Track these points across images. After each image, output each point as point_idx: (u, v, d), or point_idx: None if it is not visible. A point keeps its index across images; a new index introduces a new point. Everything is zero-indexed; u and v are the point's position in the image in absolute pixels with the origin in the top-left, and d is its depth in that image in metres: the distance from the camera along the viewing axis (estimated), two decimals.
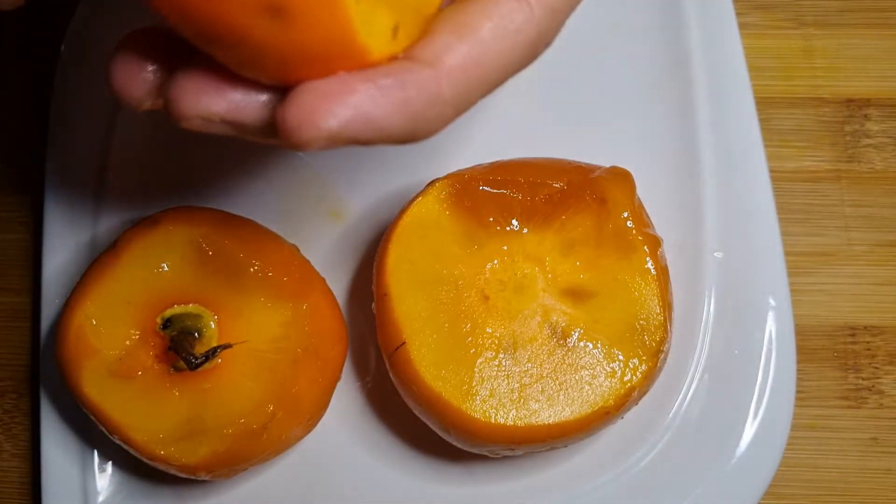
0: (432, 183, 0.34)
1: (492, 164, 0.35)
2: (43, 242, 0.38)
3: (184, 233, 0.33)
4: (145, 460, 0.33)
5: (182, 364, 0.32)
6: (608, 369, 0.32)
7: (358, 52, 0.20)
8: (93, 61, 0.41)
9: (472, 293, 0.33)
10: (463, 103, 0.22)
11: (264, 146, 0.40)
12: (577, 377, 0.32)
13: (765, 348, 0.36)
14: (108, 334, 0.33)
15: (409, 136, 0.21)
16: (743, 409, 0.36)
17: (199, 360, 0.31)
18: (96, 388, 0.32)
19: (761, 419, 0.36)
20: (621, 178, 0.34)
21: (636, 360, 0.32)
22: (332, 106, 0.20)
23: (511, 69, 0.23)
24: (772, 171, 0.38)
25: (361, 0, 0.20)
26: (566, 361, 0.32)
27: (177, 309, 0.33)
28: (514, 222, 0.34)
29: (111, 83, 0.22)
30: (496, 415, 0.32)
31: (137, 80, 0.23)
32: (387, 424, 0.37)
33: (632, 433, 0.36)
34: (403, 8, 0.21)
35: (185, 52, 0.22)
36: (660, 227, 0.35)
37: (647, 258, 0.33)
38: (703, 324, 0.37)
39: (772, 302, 0.37)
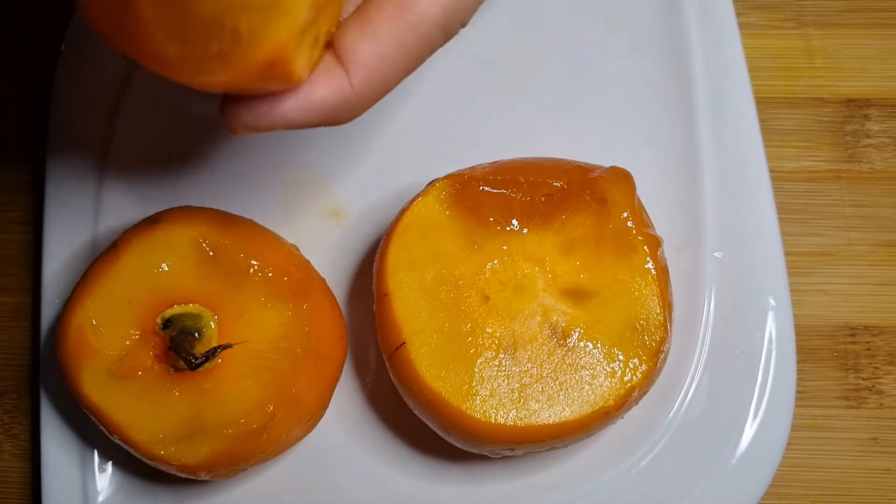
0: (432, 183, 0.34)
1: (492, 164, 0.35)
2: (43, 242, 0.38)
3: (184, 233, 0.33)
4: (145, 460, 0.33)
5: (182, 364, 0.32)
6: (608, 369, 0.32)
7: (292, 80, 0.24)
8: (93, 61, 0.40)
9: (473, 293, 0.33)
10: (377, 94, 0.25)
11: (262, 147, 0.40)
12: (577, 377, 0.32)
13: (765, 348, 0.36)
14: (108, 334, 0.33)
15: (328, 124, 0.25)
16: (743, 409, 0.36)
17: (199, 360, 0.31)
18: (96, 388, 0.32)
19: (761, 419, 0.36)
20: (621, 178, 0.34)
21: (636, 360, 0.32)
22: (256, 106, 0.24)
23: (419, 54, 0.25)
24: (772, 171, 0.38)
25: (300, 45, 0.23)
26: (566, 361, 0.32)
27: (177, 309, 0.33)
28: (515, 222, 0.34)
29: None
30: (496, 415, 0.32)
31: None
32: (387, 424, 0.37)
33: (632, 433, 0.36)
34: (323, 22, 0.24)
35: None
36: (660, 227, 0.35)
37: (647, 258, 0.33)
38: (703, 324, 0.37)
39: (772, 302, 0.37)
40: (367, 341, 0.38)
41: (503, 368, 0.32)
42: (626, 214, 0.33)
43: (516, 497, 0.36)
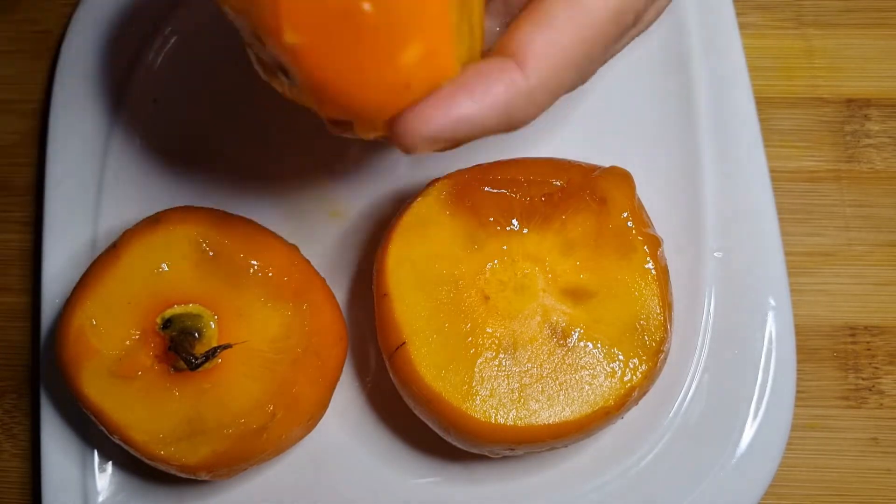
0: (432, 183, 0.34)
1: (492, 164, 0.35)
2: (43, 242, 0.38)
3: (184, 233, 0.33)
4: (145, 460, 0.33)
5: (182, 364, 0.32)
6: (608, 369, 0.32)
7: (453, 73, 0.23)
8: (93, 62, 0.40)
9: (473, 293, 0.33)
10: (553, 88, 0.24)
11: (262, 147, 0.40)
12: (577, 377, 0.32)
13: (765, 348, 0.36)
14: (108, 334, 0.33)
15: (506, 126, 0.24)
16: (743, 409, 0.36)
17: (199, 361, 0.31)
18: (96, 388, 0.32)
19: (761, 419, 0.36)
20: (621, 178, 0.34)
21: (636, 360, 0.32)
22: (428, 114, 0.23)
23: (597, 45, 0.24)
24: (772, 171, 0.38)
25: (456, 38, 0.23)
26: (566, 361, 0.32)
27: (177, 309, 0.33)
28: (515, 222, 0.34)
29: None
30: (496, 415, 0.32)
31: None
32: (387, 424, 0.37)
33: (632, 433, 0.36)
34: (471, 13, 0.24)
35: None
36: (660, 227, 0.35)
37: (647, 258, 0.33)
38: (703, 324, 0.37)
39: (772, 302, 0.37)
40: (367, 341, 0.38)
41: (503, 368, 0.32)
42: (626, 214, 0.33)
43: (516, 497, 0.36)
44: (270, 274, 0.33)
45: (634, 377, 0.32)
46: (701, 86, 0.39)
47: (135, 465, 0.36)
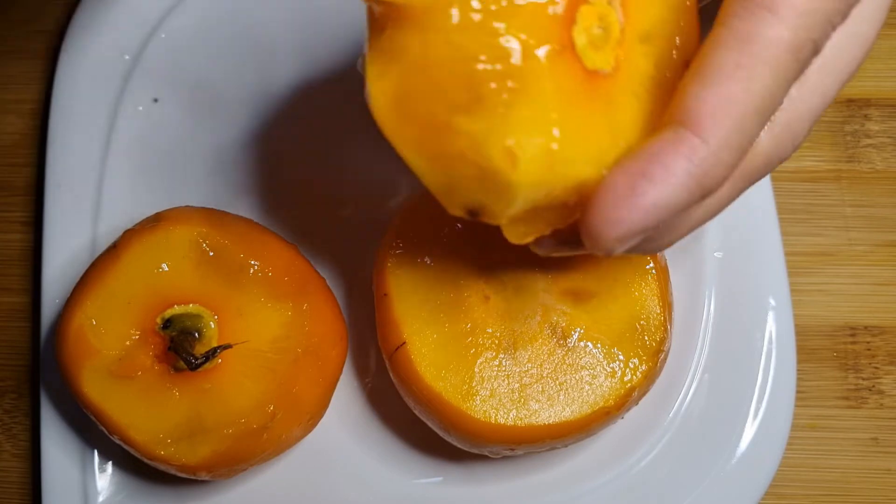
0: None
1: None
2: (43, 242, 0.38)
3: (184, 233, 0.33)
4: (145, 460, 0.33)
5: (182, 364, 0.32)
6: (608, 369, 0.32)
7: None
8: (93, 61, 0.40)
9: (473, 293, 0.33)
10: (738, 143, 0.22)
11: (261, 147, 0.40)
12: (577, 377, 0.32)
13: (765, 348, 0.36)
14: (108, 334, 0.32)
15: (700, 197, 0.22)
16: (743, 409, 0.36)
17: (199, 361, 0.31)
18: (96, 388, 0.32)
19: (761, 419, 0.36)
20: None
21: (636, 360, 0.32)
22: (615, 215, 0.21)
23: (774, 85, 0.22)
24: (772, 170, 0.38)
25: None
26: (566, 361, 0.32)
27: (177, 309, 0.33)
28: None
29: None
30: (496, 415, 0.32)
31: None
32: (387, 425, 0.37)
33: (632, 433, 0.36)
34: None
35: None
36: None
37: (648, 258, 0.33)
38: (703, 324, 0.37)
39: (772, 302, 0.37)
40: (368, 341, 0.38)
41: (503, 368, 0.32)
42: None
43: (516, 497, 0.36)
44: (270, 274, 0.33)
45: (635, 377, 0.32)
46: None
47: (135, 466, 0.36)
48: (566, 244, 0.25)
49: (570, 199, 0.23)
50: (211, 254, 0.33)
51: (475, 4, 0.21)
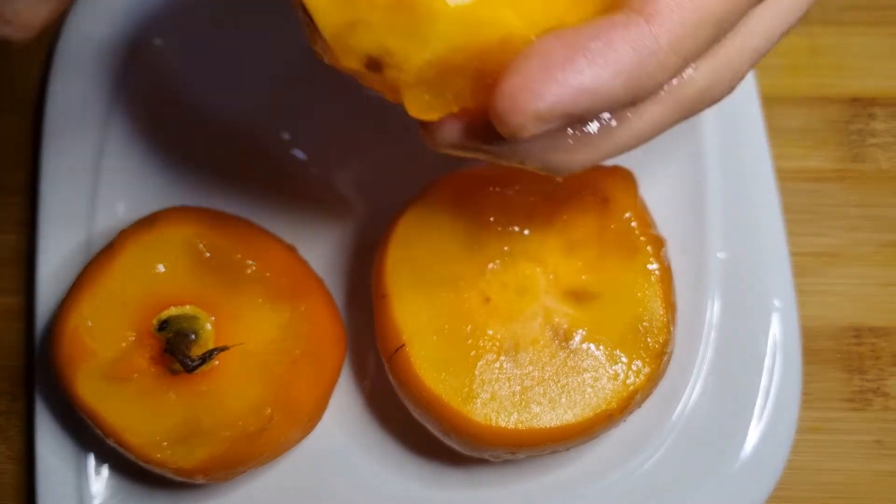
0: (432, 183, 0.34)
1: (492, 164, 0.35)
2: (38, 243, 0.38)
3: (180, 233, 0.33)
4: (141, 463, 0.32)
5: (178, 366, 0.32)
6: (611, 372, 0.32)
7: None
8: (90, 61, 0.40)
9: (473, 294, 0.33)
10: (688, 50, 0.20)
11: (260, 147, 0.40)
12: (579, 380, 0.32)
13: (770, 350, 0.36)
14: (103, 336, 0.32)
15: (632, 98, 0.20)
16: (747, 412, 0.36)
17: (195, 363, 0.31)
18: (91, 390, 0.32)
19: (766, 421, 0.35)
20: (623, 177, 0.34)
21: (639, 363, 0.32)
22: (539, 86, 0.19)
23: (739, 4, 0.21)
24: (776, 170, 0.38)
25: None
26: (568, 364, 0.32)
27: (173, 310, 0.33)
28: (516, 223, 0.34)
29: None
30: (497, 418, 0.31)
31: None
32: (386, 427, 0.37)
33: (635, 436, 0.36)
34: None
35: None
36: (663, 227, 0.35)
37: (651, 259, 0.33)
38: (706, 325, 0.37)
39: (777, 303, 0.37)
40: (366, 343, 0.37)
41: (504, 371, 0.32)
42: (628, 215, 0.33)
43: (517, 501, 0.36)
44: (268, 275, 0.33)
45: (637, 379, 0.32)
46: None
47: (130, 469, 0.36)
48: (472, 136, 0.22)
49: (488, 62, 0.20)
50: (207, 254, 0.33)
51: None
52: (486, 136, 0.21)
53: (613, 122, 0.22)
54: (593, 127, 0.21)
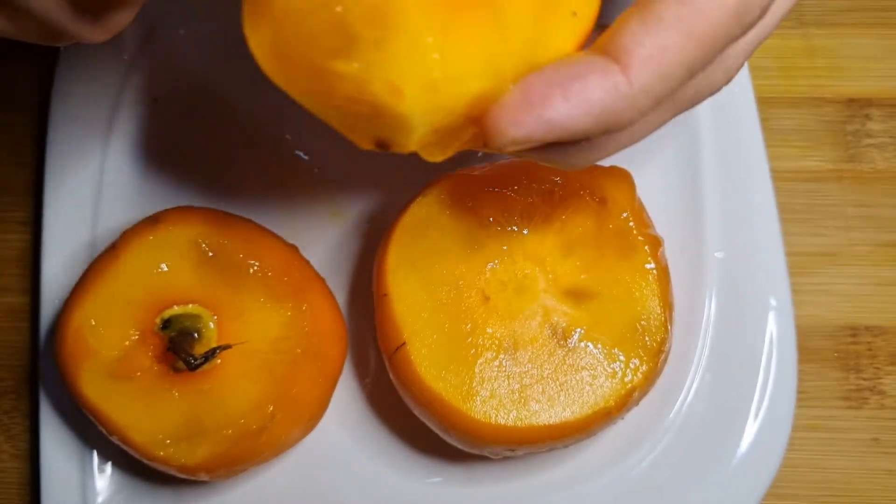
0: (432, 183, 0.34)
1: (492, 164, 0.35)
2: (42, 242, 0.38)
3: (183, 233, 0.33)
4: (145, 461, 0.32)
5: (181, 365, 0.32)
6: (609, 370, 0.32)
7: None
8: (93, 61, 0.40)
9: (473, 293, 0.33)
10: (658, 92, 0.22)
11: (261, 147, 0.40)
12: (577, 378, 0.32)
13: (766, 349, 0.36)
14: (107, 335, 0.32)
15: (602, 132, 0.22)
16: (744, 410, 0.36)
17: (198, 361, 0.31)
18: (95, 388, 0.32)
19: (762, 420, 0.35)
20: (621, 177, 0.34)
21: (637, 361, 0.32)
22: (517, 117, 0.22)
23: (710, 45, 0.22)
24: (773, 170, 0.38)
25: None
26: (567, 362, 0.32)
27: (176, 309, 0.33)
28: (515, 222, 0.34)
29: None
30: (497, 415, 0.31)
31: None
32: (386, 425, 0.37)
33: (632, 434, 0.36)
34: None
35: None
36: (660, 227, 0.35)
37: (648, 258, 0.33)
38: (703, 324, 0.37)
39: (773, 302, 0.37)
40: (367, 342, 0.37)
41: (503, 369, 0.32)
42: (626, 214, 0.33)
43: (516, 498, 0.36)
44: (270, 274, 0.33)
45: (635, 378, 0.32)
46: None
47: (134, 466, 0.36)
48: (480, 145, 0.25)
49: (472, 112, 0.22)
50: (210, 254, 0.33)
51: None
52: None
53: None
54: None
